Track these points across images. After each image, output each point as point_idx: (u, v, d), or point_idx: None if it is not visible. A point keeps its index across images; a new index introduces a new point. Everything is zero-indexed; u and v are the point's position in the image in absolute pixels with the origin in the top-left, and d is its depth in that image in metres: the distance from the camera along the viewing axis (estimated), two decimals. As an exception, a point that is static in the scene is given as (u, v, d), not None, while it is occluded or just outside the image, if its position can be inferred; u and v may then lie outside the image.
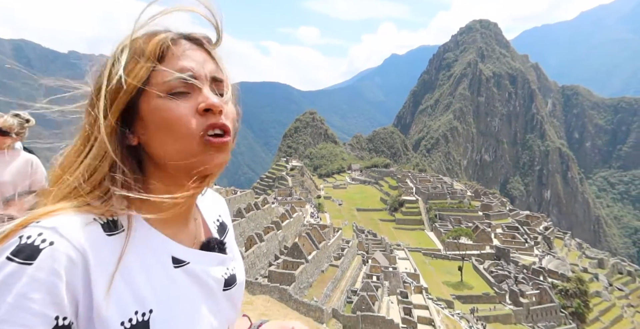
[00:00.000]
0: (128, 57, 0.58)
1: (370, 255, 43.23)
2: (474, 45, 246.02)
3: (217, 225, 0.82)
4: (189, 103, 0.59)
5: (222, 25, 0.67)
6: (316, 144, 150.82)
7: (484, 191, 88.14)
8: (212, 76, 0.63)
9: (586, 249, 69.94)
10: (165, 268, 0.61)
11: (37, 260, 0.48)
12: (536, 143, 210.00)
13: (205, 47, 0.66)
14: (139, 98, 0.59)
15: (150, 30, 0.62)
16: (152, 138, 0.60)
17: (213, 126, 0.60)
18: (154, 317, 0.57)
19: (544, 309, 39.04)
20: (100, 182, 0.58)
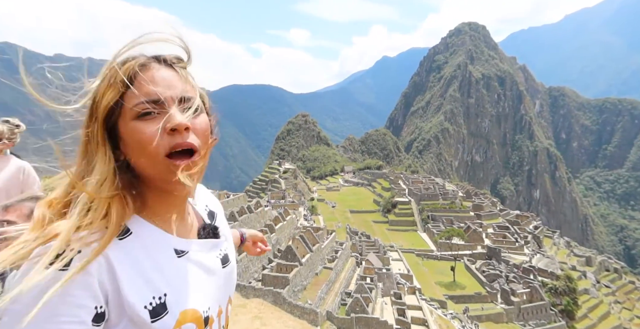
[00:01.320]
0: (104, 83, 0.68)
1: (364, 256, 43.43)
2: (463, 48, 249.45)
3: (207, 212, 0.99)
4: (157, 124, 0.68)
5: (190, 48, 0.76)
6: (309, 146, 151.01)
7: (475, 191, 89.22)
8: (180, 97, 0.72)
9: (574, 247, 71.29)
10: (170, 259, 0.77)
11: (71, 264, 0.61)
12: (525, 143, 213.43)
13: (174, 67, 0.75)
14: (118, 120, 0.69)
15: (127, 56, 0.71)
16: (129, 155, 0.70)
17: (178, 146, 0.69)
18: (169, 299, 0.72)
19: (535, 307, 39.68)
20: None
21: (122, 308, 0.67)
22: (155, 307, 0.70)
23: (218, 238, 0.92)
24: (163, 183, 0.73)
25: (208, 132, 0.76)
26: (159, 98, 0.69)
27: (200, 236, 0.88)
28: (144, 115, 0.69)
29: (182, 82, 0.74)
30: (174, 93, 0.71)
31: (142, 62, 0.71)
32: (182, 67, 0.77)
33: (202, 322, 0.78)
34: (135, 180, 0.75)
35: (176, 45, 0.75)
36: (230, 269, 0.92)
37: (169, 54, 0.76)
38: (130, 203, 0.72)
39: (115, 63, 0.70)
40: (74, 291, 0.61)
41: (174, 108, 0.70)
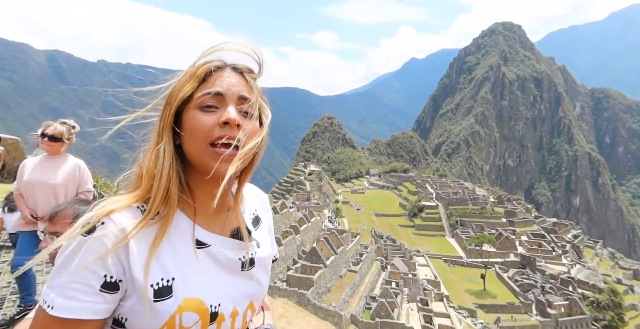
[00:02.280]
0: (186, 77, 0.80)
1: (389, 260, 42.61)
2: (496, 48, 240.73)
3: (252, 217, 1.00)
4: (214, 116, 0.78)
5: (263, 61, 0.86)
6: (334, 149, 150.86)
7: (507, 197, 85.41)
8: (240, 95, 0.81)
9: (620, 259, 66.27)
10: (188, 248, 0.80)
11: (94, 233, 0.71)
12: (563, 147, 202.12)
13: (244, 75, 0.85)
14: (184, 109, 0.80)
15: (208, 59, 0.82)
16: (184, 139, 0.79)
17: (223, 136, 0.76)
18: (176, 283, 0.75)
19: (574, 321, 37.13)
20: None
21: (133, 282, 0.73)
22: (161, 288, 0.74)
23: (249, 242, 0.93)
24: (204, 169, 0.78)
25: (257, 137, 0.82)
26: (220, 92, 0.79)
27: (232, 237, 0.90)
28: (206, 107, 0.78)
29: (245, 86, 0.83)
30: (235, 90, 0.80)
31: (219, 65, 0.82)
32: (251, 77, 0.86)
33: (208, 315, 0.79)
34: (183, 167, 0.81)
35: (251, 57, 0.84)
36: (253, 275, 0.91)
37: (242, 64, 0.85)
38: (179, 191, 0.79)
39: (197, 63, 0.81)
40: (88, 256, 0.69)
41: (232, 106, 0.79)
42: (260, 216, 1.04)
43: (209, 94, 0.78)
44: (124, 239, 0.72)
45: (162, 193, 0.76)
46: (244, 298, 0.87)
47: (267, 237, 1.03)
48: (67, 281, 0.69)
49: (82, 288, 0.69)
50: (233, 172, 0.77)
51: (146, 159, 0.79)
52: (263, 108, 0.87)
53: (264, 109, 0.87)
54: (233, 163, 0.76)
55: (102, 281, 0.70)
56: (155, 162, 0.78)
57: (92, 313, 0.70)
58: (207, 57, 0.82)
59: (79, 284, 0.69)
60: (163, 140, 0.79)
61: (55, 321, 0.68)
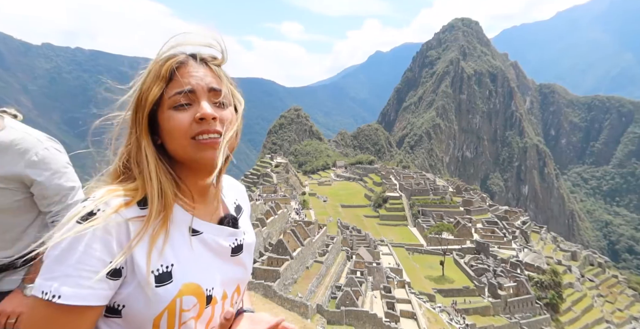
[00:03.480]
0: (151, 78, 0.82)
1: (355, 250, 43.64)
2: (456, 43, 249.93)
3: (234, 206, 1.07)
4: (189, 113, 0.82)
5: (225, 48, 0.90)
6: (301, 141, 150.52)
7: (465, 187, 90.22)
8: (209, 87, 0.85)
9: (560, 242, 72.79)
10: (183, 235, 0.86)
11: (95, 221, 0.74)
12: (515, 140, 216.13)
13: (209, 64, 0.88)
14: (158, 110, 0.83)
15: (169, 54, 0.85)
16: (164, 140, 0.84)
17: (204, 132, 0.82)
18: (174, 269, 0.81)
19: (521, 301, 40.47)
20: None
21: (134, 269, 0.77)
22: (162, 274, 0.79)
23: (236, 228, 0.99)
24: (192, 162, 0.84)
25: (234, 124, 0.88)
26: (191, 89, 0.82)
27: (220, 224, 0.95)
28: (179, 106, 0.82)
29: (213, 77, 0.87)
30: (204, 84, 0.84)
31: (181, 59, 0.85)
32: (216, 65, 0.89)
33: (205, 299, 0.85)
34: (170, 163, 0.86)
35: (213, 47, 0.89)
36: (243, 258, 0.98)
37: (205, 53, 0.88)
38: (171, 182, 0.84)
39: (159, 61, 0.84)
40: (94, 244, 0.72)
41: (205, 101, 0.83)
42: (241, 205, 1.10)
43: (180, 94, 0.82)
44: (126, 227, 0.76)
45: (157, 195, 0.80)
46: (232, 282, 0.95)
47: (249, 225, 1.08)
48: (74, 269, 0.70)
49: (90, 275, 0.71)
50: (223, 156, 0.82)
51: (134, 163, 0.83)
52: (235, 95, 0.92)
53: (236, 95, 0.92)
54: (220, 147, 0.82)
55: (109, 267, 0.74)
56: (139, 167, 0.82)
57: (99, 299, 0.73)
58: (168, 51, 0.85)
59: (87, 272, 0.71)
60: (142, 145, 0.82)
61: (61, 310, 0.70)
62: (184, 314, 0.81)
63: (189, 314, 0.82)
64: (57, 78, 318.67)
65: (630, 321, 49.71)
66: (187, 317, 0.82)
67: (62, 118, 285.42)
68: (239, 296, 0.98)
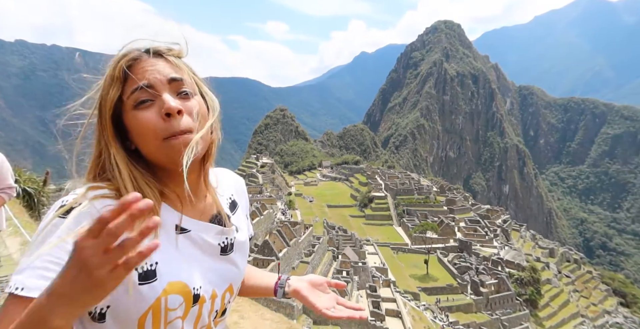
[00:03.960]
0: (107, 81, 0.77)
1: (341, 250, 43.85)
2: (439, 45, 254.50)
3: (229, 202, 1.01)
4: (153, 110, 0.76)
5: (182, 40, 0.84)
6: (287, 141, 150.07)
7: (448, 186, 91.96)
8: (169, 78, 0.78)
9: (539, 240, 75.16)
10: (168, 233, 0.80)
11: (70, 215, 0.69)
12: (496, 140, 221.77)
13: (165, 56, 0.82)
14: (122, 112, 0.77)
15: (123, 52, 0.79)
16: (136, 142, 0.78)
17: (174, 134, 0.76)
18: (159, 267, 0.76)
19: (502, 297, 41.61)
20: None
21: None
22: (146, 271, 0.74)
23: (227, 226, 0.94)
24: (171, 164, 0.77)
25: (203, 112, 0.81)
26: (149, 84, 0.76)
27: (211, 222, 0.90)
28: (140, 103, 0.75)
29: (171, 67, 0.80)
30: (161, 76, 0.77)
31: (134, 56, 0.78)
32: (173, 56, 0.83)
33: (191, 298, 0.80)
34: (150, 164, 0.81)
35: (168, 40, 0.82)
36: (234, 257, 0.93)
37: (160, 45, 0.81)
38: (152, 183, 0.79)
39: (113, 62, 0.78)
40: (62, 234, 0.67)
41: (166, 94, 0.76)
42: (236, 200, 1.05)
43: (136, 90, 0.76)
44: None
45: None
46: (223, 281, 0.90)
47: (244, 221, 1.04)
48: (40, 260, 0.66)
49: (56, 267, 0.64)
50: (191, 157, 0.75)
51: (107, 168, 0.78)
52: (201, 86, 0.85)
53: (202, 86, 0.85)
54: (188, 148, 0.75)
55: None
56: (112, 172, 0.77)
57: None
58: (122, 51, 0.79)
59: (53, 263, 0.65)
60: (111, 153, 0.77)
61: (26, 303, 0.62)
62: (170, 313, 0.77)
63: (174, 313, 0.78)
64: (31, 77, 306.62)
65: (604, 314, 51.88)
66: (173, 316, 0.78)
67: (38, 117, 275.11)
68: (232, 295, 0.94)
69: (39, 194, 7.93)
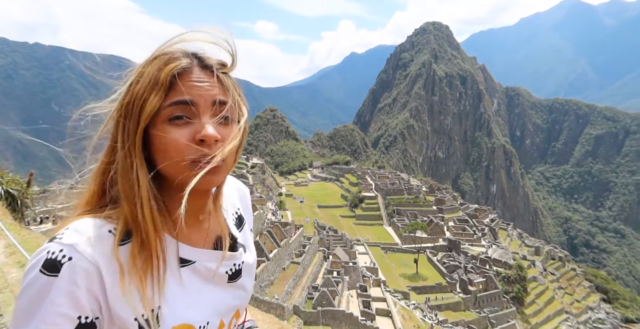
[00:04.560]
0: (145, 83, 0.66)
1: (331, 251, 43.95)
2: (428, 46, 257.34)
3: (234, 218, 0.92)
4: (187, 131, 0.67)
5: (236, 52, 0.74)
6: (277, 141, 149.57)
7: (437, 186, 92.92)
8: (214, 100, 0.69)
9: (525, 238, 76.66)
10: (170, 268, 0.71)
11: (60, 273, 0.61)
12: (484, 140, 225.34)
13: (215, 72, 0.72)
14: (150, 121, 0.68)
15: (168, 52, 0.69)
16: (155, 157, 0.69)
17: (204, 156, 0.67)
18: (163, 312, 0.69)
19: (489, 295, 42.30)
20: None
21: (113, 319, 0.65)
22: (147, 320, 0.67)
23: (235, 250, 0.85)
24: (183, 185, 0.68)
25: (236, 145, 0.73)
26: (193, 102, 0.68)
27: (216, 247, 0.82)
28: (175, 118, 0.67)
29: (219, 87, 0.72)
30: (208, 96, 0.69)
31: (184, 65, 0.69)
32: (223, 72, 0.74)
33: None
34: (154, 182, 0.70)
35: (222, 48, 0.73)
36: (242, 282, 0.86)
37: (212, 58, 0.73)
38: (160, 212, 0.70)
39: (157, 63, 0.68)
40: (58, 299, 0.61)
41: (208, 118, 0.69)
42: (243, 215, 0.98)
43: (178, 105, 0.67)
44: (98, 274, 0.63)
45: (151, 228, 0.67)
46: (230, 310, 0.84)
47: (250, 238, 0.97)
48: (44, 324, 0.61)
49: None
50: (220, 184, 0.72)
51: (122, 186, 0.67)
52: (241, 107, 0.76)
53: (241, 108, 0.76)
54: (217, 173, 0.69)
55: (77, 323, 0.62)
56: (128, 192, 0.67)
57: None
58: (166, 49, 0.70)
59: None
60: (134, 165, 0.67)
61: None
62: None
63: None
64: (13, 75, 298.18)
65: (587, 310, 53.26)
66: None
67: (21, 117, 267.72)
68: (238, 319, 0.88)
69: (22, 196, 7.77)
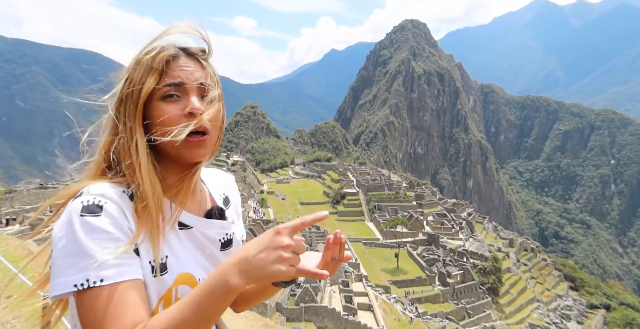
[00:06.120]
0: (142, 68, 0.84)
1: (314, 247, 44.14)
2: (406, 44, 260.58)
3: (222, 198, 1.08)
4: (178, 106, 0.85)
5: (209, 41, 0.94)
6: (258, 139, 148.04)
7: (417, 182, 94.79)
8: (199, 82, 0.88)
9: (500, 231, 79.60)
10: (173, 229, 0.89)
11: (102, 211, 0.76)
12: (461, 136, 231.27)
13: (198, 58, 0.92)
14: (147, 101, 0.85)
15: (158, 46, 0.87)
16: (152, 128, 0.85)
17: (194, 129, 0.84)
18: (169, 260, 0.86)
19: (466, 287, 43.77)
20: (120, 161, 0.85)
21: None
22: (158, 264, 0.82)
23: (224, 219, 1.00)
24: (179, 157, 0.86)
25: (219, 119, 0.92)
26: (183, 82, 0.85)
27: (208, 217, 0.97)
28: (168, 97, 0.85)
29: (202, 71, 0.90)
30: (194, 79, 0.87)
31: (173, 53, 0.87)
32: (203, 59, 0.93)
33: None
34: (154, 155, 0.87)
35: (198, 38, 0.92)
36: (230, 254, 0.98)
37: (194, 47, 0.92)
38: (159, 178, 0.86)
39: (150, 52, 0.85)
40: (109, 229, 0.75)
41: (194, 95, 0.86)
42: (229, 197, 1.11)
43: (171, 86, 0.84)
44: (126, 218, 0.79)
45: (150, 191, 0.81)
46: None
47: (238, 218, 1.11)
48: (101, 254, 0.73)
49: (119, 254, 0.75)
50: (209, 158, 0.89)
51: (124, 154, 0.83)
52: (219, 85, 0.94)
53: (220, 91, 0.94)
54: (205, 151, 0.87)
55: (130, 243, 0.78)
56: (130, 158, 0.82)
57: (136, 272, 0.78)
58: (154, 43, 0.87)
59: (115, 251, 0.74)
60: (135, 138, 0.83)
61: (110, 290, 0.72)
62: None
63: None
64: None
65: (556, 298, 56.14)
66: None
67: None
68: None
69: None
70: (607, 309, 57.08)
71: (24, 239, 8.42)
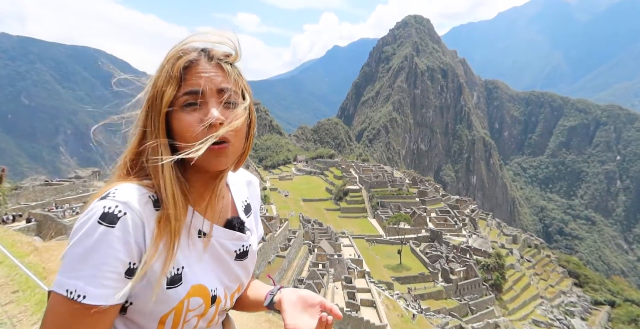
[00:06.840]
0: (163, 78, 0.83)
1: (317, 244, 44.26)
2: (409, 40, 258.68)
3: (243, 205, 1.06)
4: (197, 115, 0.83)
5: (239, 47, 0.90)
6: (261, 135, 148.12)
7: (420, 178, 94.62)
8: (219, 88, 0.85)
9: (503, 227, 79.47)
10: (191, 237, 0.88)
11: (118, 223, 0.76)
12: (464, 133, 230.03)
13: (220, 62, 0.88)
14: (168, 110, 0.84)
15: (181, 49, 0.86)
16: (177, 141, 0.84)
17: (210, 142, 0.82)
18: (185, 271, 0.85)
19: (470, 283, 43.80)
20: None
21: (146, 270, 0.79)
22: (173, 276, 0.83)
23: (243, 232, 0.99)
24: (200, 166, 0.85)
25: (244, 127, 0.90)
26: (200, 90, 0.83)
27: (227, 226, 0.97)
28: (188, 105, 0.83)
29: (223, 76, 0.87)
30: (213, 85, 0.84)
31: (192, 58, 0.85)
32: (227, 63, 0.89)
33: (210, 299, 0.89)
34: (180, 165, 0.86)
35: (227, 45, 0.89)
36: (247, 262, 1.01)
37: (216, 51, 0.89)
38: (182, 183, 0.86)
39: (170, 59, 0.85)
40: (116, 245, 0.75)
41: (213, 103, 0.84)
42: (251, 204, 1.10)
43: (190, 94, 0.83)
44: (143, 229, 0.78)
45: (172, 202, 0.81)
46: (234, 283, 0.99)
47: (257, 224, 1.12)
48: (99, 270, 0.73)
49: (113, 276, 0.74)
50: (230, 165, 0.87)
51: (150, 165, 0.84)
52: (246, 93, 0.92)
53: (247, 95, 0.92)
54: (226, 158, 0.85)
55: (127, 268, 0.76)
56: (155, 170, 0.83)
57: (120, 298, 0.77)
58: (179, 47, 0.86)
59: (111, 272, 0.74)
60: (159, 148, 0.83)
61: (85, 309, 0.73)
62: (189, 313, 0.86)
63: (193, 313, 0.87)
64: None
65: (560, 295, 56.07)
66: (191, 315, 0.86)
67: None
68: (238, 293, 1.03)
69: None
70: (611, 306, 56.94)
71: (30, 235, 8.47)
